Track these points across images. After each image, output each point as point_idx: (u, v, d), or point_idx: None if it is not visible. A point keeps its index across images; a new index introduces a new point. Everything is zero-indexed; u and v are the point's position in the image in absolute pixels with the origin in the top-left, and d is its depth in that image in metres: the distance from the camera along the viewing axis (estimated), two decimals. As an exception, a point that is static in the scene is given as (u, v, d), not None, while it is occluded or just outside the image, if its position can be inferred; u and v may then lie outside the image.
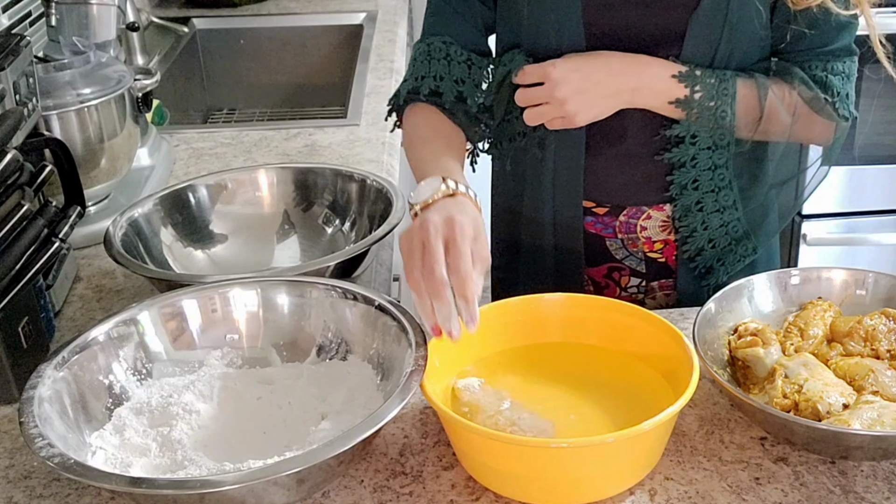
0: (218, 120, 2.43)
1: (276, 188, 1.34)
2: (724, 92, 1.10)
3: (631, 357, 1.00)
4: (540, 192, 1.24)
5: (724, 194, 1.19)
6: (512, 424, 0.90)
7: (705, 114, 1.10)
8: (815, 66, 1.14)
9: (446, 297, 0.89)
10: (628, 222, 1.24)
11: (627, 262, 1.27)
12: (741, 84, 1.12)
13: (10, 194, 1.01)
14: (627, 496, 0.87)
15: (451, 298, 0.89)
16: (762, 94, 1.12)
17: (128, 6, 1.86)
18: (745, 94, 1.12)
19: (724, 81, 1.11)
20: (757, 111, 1.12)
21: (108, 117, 1.35)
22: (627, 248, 1.26)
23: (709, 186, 1.18)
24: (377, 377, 0.96)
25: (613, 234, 1.25)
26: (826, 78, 1.14)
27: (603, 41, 1.14)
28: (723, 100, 1.10)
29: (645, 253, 1.26)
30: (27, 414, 0.83)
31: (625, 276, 1.29)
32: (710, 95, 1.10)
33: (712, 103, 1.10)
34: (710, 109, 1.10)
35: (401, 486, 0.89)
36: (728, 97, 1.10)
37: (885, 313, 1.01)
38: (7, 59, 1.11)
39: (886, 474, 0.89)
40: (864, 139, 2.51)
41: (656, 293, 1.29)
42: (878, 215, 2.63)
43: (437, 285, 0.89)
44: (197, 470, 0.85)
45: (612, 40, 1.14)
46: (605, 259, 1.28)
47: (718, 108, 1.10)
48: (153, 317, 0.99)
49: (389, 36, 2.34)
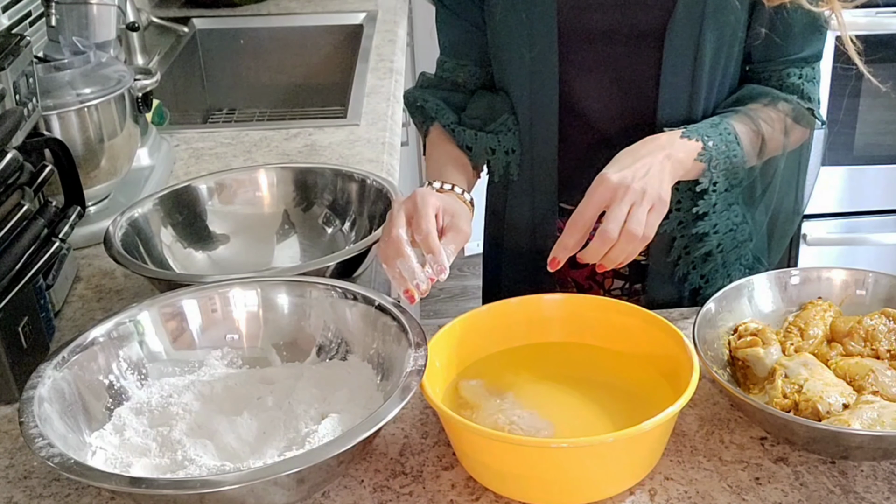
0: (218, 120, 2.43)
1: (276, 188, 1.34)
2: (726, 132, 1.10)
3: (631, 357, 1.00)
4: (518, 194, 1.25)
5: (742, 229, 1.20)
6: (511, 423, 0.90)
7: (721, 158, 1.09)
8: (792, 74, 1.15)
9: (405, 252, 0.95)
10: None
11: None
12: (734, 121, 1.12)
13: (10, 194, 1.01)
14: (627, 496, 0.87)
15: (412, 254, 0.95)
16: (755, 122, 1.12)
17: (128, 6, 1.86)
18: (741, 128, 1.11)
19: (717, 125, 1.10)
20: (757, 139, 1.12)
21: (108, 117, 1.35)
22: None
23: (726, 227, 1.18)
24: (377, 377, 0.96)
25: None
26: (802, 85, 1.15)
27: (577, 44, 1.14)
28: (727, 140, 1.09)
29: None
30: (27, 414, 0.83)
31: (608, 279, 1.28)
32: (717, 141, 1.09)
33: (723, 147, 1.09)
34: (723, 153, 1.09)
35: (401, 486, 0.89)
36: (731, 135, 1.10)
37: (885, 313, 1.01)
38: (7, 59, 1.11)
39: (886, 474, 0.89)
40: (864, 139, 2.52)
41: (640, 296, 1.28)
42: (878, 215, 2.63)
43: (395, 242, 0.95)
44: (197, 470, 0.85)
45: (587, 43, 1.14)
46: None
47: (729, 149, 1.09)
48: (153, 317, 0.99)
49: (389, 36, 2.34)
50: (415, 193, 1.00)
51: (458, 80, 1.24)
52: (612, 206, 1.00)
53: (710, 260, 1.21)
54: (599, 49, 1.14)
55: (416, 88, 1.26)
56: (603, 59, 1.15)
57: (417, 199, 0.99)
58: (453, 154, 1.18)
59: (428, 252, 0.95)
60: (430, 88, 1.25)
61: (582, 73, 1.16)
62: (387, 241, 0.96)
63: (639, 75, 1.15)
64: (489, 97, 1.23)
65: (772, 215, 1.25)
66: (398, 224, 0.97)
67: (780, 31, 1.12)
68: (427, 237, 0.96)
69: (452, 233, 1.00)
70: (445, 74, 1.25)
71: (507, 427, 0.90)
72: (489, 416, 0.92)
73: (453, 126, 1.20)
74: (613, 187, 1.00)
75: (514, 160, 1.22)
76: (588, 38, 1.14)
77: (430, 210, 0.98)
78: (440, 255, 0.95)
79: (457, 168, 1.16)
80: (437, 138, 1.21)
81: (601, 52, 1.14)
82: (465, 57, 1.23)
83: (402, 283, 0.95)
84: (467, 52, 1.23)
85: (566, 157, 1.21)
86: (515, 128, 1.20)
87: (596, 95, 1.17)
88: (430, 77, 1.27)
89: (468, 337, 1.00)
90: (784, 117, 1.14)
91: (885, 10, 2.35)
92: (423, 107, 1.23)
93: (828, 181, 2.57)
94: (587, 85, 1.17)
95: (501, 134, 1.20)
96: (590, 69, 1.16)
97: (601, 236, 0.99)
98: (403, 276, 0.95)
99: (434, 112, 1.21)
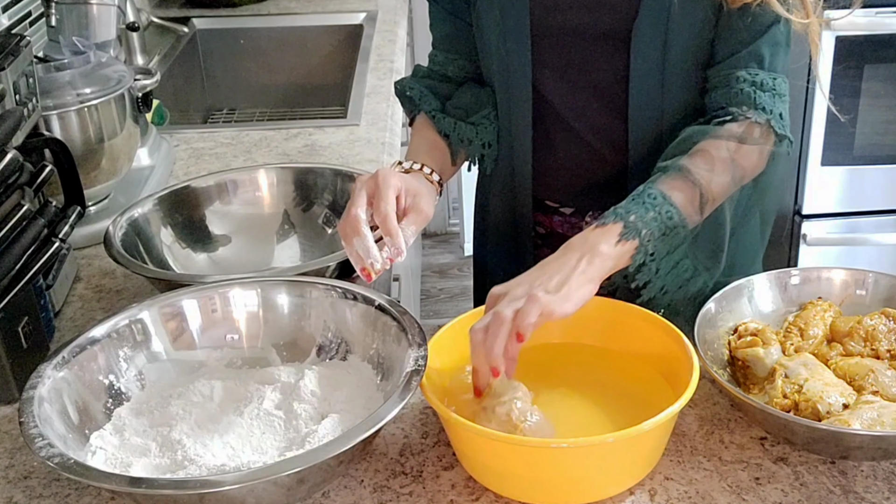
0: (218, 120, 2.43)
1: (276, 188, 1.34)
2: (650, 198, 1.00)
3: (631, 357, 1.00)
4: (499, 189, 1.26)
5: (694, 281, 1.09)
6: (524, 420, 0.89)
7: (653, 225, 0.99)
8: (741, 80, 1.07)
9: (362, 231, 0.96)
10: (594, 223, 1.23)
11: None
12: (658, 184, 1.02)
13: (10, 194, 1.01)
14: (627, 496, 0.87)
15: (368, 234, 0.96)
16: (686, 177, 1.03)
17: (128, 6, 1.85)
18: (670, 188, 1.02)
19: (640, 195, 1.01)
20: (695, 192, 1.02)
21: (108, 117, 1.35)
22: None
23: (675, 284, 1.07)
24: (377, 377, 0.96)
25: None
26: (755, 94, 1.06)
27: (549, 42, 1.15)
28: (654, 205, 1.00)
29: None
30: (27, 414, 0.83)
31: None
32: (641, 212, 0.99)
33: (653, 213, 0.99)
34: (653, 220, 0.99)
35: (401, 486, 0.89)
36: (657, 199, 1.00)
37: (885, 313, 1.01)
38: (7, 59, 1.11)
39: (886, 474, 0.89)
40: (864, 139, 2.51)
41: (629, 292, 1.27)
42: (878, 215, 2.63)
43: (353, 221, 0.97)
44: (197, 470, 0.85)
45: (558, 42, 1.14)
46: None
47: (661, 213, 1.00)
48: (153, 317, 0.99)
49: (389, 36, 2.34)
50: (377, 173, 1.00)
51: (448, 73, 1.26)
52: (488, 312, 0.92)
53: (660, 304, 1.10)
54: (570, 48, 1.15)
55: (407, 78, 1.28)
56: (574, 59, 1.16)
57: (379, 178, 0.99)
58: (432, 139, 1.19)
59: (386, 234, 0.97)
60: (419, 78, 1.26)
61: (554, 71, 1.17)
62: (346, 219, 0.98)
63: (609, 75, 1.15)
64: (476, 89, 1.24)
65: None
66: (358, 203, 0.98)
67: (738, 25, 1.07)
68: (385, 219, 0.97)
69: (413, 214, 1.01)
70: (436, 67, 1.26)
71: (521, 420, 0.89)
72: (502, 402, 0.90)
73: (434, 113, 1.21)
74: (495, 296, 0.94)
75: (490, 154, 1.23)
76: (559, 37, 1.15)
77: (391, 192, 0.99)
78: (398, 237, 0.97)
79: (432, 153, 1.17)
80: (420, 125, 1.23)
81: (572, 51, 1.15)
82: (455, 51, 1.25)
83: (358, 261, 0.97)
84: (457, 47, 1.25)
85: (542, 153, 1.22)
86: (496, 122, 1.22)
87: (568, 94, 1.18)
88: (423, 68, 1.28)
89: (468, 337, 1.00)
90: (725, 147, 1.05)
91: (885, 10, 2.35)
92: (410, 95, 1.24)
93: (828, 181, 2.57)
94: (559, 83, 1.18)
95: (481, 126, 1.21)
96: (562, 68, 1.17)
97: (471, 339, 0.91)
98: (360, 255, 0.96)
99: (418, 99, 1.23)
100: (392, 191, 0.99)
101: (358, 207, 0.98)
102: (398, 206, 1.00)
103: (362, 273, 0.96)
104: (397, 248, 0.97)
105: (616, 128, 1.16)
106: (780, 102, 1.08)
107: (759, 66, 1.08)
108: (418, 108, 1.23)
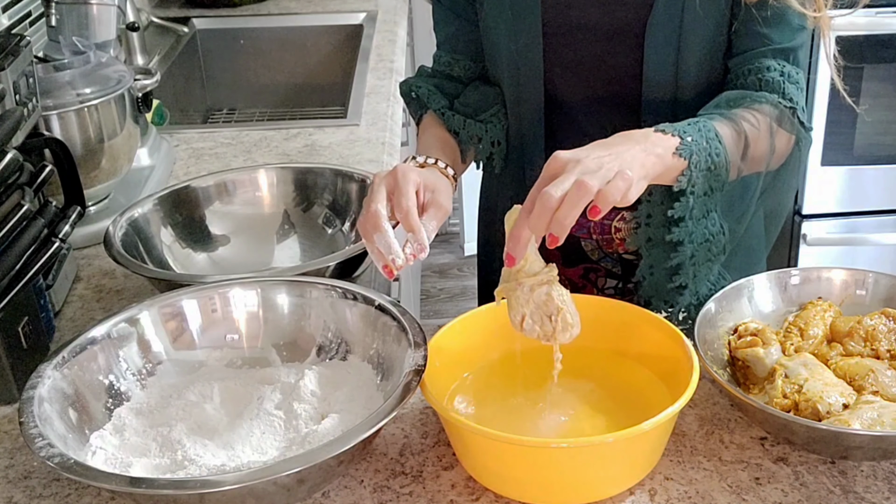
0: (218, 120, 2.43)
1: (276, 188, 1.34)
2: (706, 129, 1.02)
3: (630, 357, 1.00)
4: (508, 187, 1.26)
5: (717, 241, 1.12)
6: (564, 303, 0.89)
7: (702, 155, 1.00)
8: (772, 69, 1.09)
9: (383, 227, 0.94)
10: (602, 223, 1.23)
11: (603, 263, 1.27)
12: (713, 121, 1.04)
13: (10, 194, 1.01)
14: (627, 496, 0.87)
15: (389, 230, 0.94)
16: (736, 123, 1.05)
17: (128, 6, 1.86)
18: (723, 127, 1.04)
19: (696, 123, 1.02)
20: (740, 139, 1.05)
21: (108, 117, 1.35)
22: (603, 248, 1.26)
23: (702, 236, 1.10)
24: (377, 377, 0.96)
25: (588, 234, 1.25)
26: (784, 84, 1.09)
27: (561, 39, 1.14)
28: (708, 137, 1.01)
29: (620, 254, 1.26)
30: (27, 414, 0.83)
31: (601, 278, 1.28)
32: (697, 137, 1.01)
33: (704, 143, 1.00)
34: (704, 150, 1.00)
35: (401, 486, 0.89)
36: (711, 132, 1.02)
37: (885, 313, 1.01)
38: (7, 59, 1.11)
39: (886, 474, 0.89)
40: (864, 139, 2.52)
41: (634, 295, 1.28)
42: (878, 215, 2.63)
43: (374, 217, 0.94)
44: (197, 470, 0.85)
45: (570, 39, 1.14)
46: (581, 260, 1.27)
47: (710, 146, 1.01)
48: (153, 317, 0.99)
49: (389, 36, 2.34)
50: (396, 168, 0.98)
51: (454, 74, 1.26)
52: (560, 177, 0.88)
53: (682, 273, 1.13)
54: (582, 45, 1.14)
55: (412, 78, 1.27)
56: (586, 56, 1.16)
57: (398, 174, 0.97)
58: (442, 136, 1.19)
59: (409, 230, 0.95)
60: (425, 77, 1.26)
61: (566, 68, 1.17)
62: (366, 215, 0.96)
63: (622, 72, 1.15)
64: (483, 88, 1.24)
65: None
66: (377, 199, 0.96)
67: (758, 20, 1.08)
68: (407, 215, 0.95)
69: (433, 209, 0.99)
70: (441, 68, 1.26)
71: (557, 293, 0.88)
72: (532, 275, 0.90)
73: (443, 110, 1.21)
74: (563, 161, 0.90)
75: (499, 152, 1.23)
76: (571, 33, 1.14)
77: (411, 187, 0.96)
78: (420, 233, 0.94)
79: (444, 150, 1.16)
80: (428, 123, 1.22)
81: (584, 48, 1.15)
82: (459, 52, 1.25)
83: (380, 258, 0.94)
84: (462, 48, 1.25)
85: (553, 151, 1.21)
86: (505, 121, 1.22)
87: (580, 91, 1.18)
88: (427, 69, 1.28)
89: (468, 337, 1.00)
90: (767, 119, 1.07)
91: (885, 10, 2.35)
92: (417, 94, 1.24)
93: (828, 181, 2.57)
94: (571, 81, 1.18)
95: (490, 124, 1.20)
96: (574, 65, 1.17)
97: (540, 198, 0.86)
98: (381, 251, 0.94)
99: (426, 98, 1.22)
100: (412, 186, 0.96)
101: (378, 203, 0.95)
102: (417, 201, 0.98)
103: (384, 270, 0.94)
104: (420, 244, 0.94)
105: (628, 125, 1.16)
106: (802, 97, 1.10)
107: (785, 60, 1.10)
108: (426, 107, 1.23)
